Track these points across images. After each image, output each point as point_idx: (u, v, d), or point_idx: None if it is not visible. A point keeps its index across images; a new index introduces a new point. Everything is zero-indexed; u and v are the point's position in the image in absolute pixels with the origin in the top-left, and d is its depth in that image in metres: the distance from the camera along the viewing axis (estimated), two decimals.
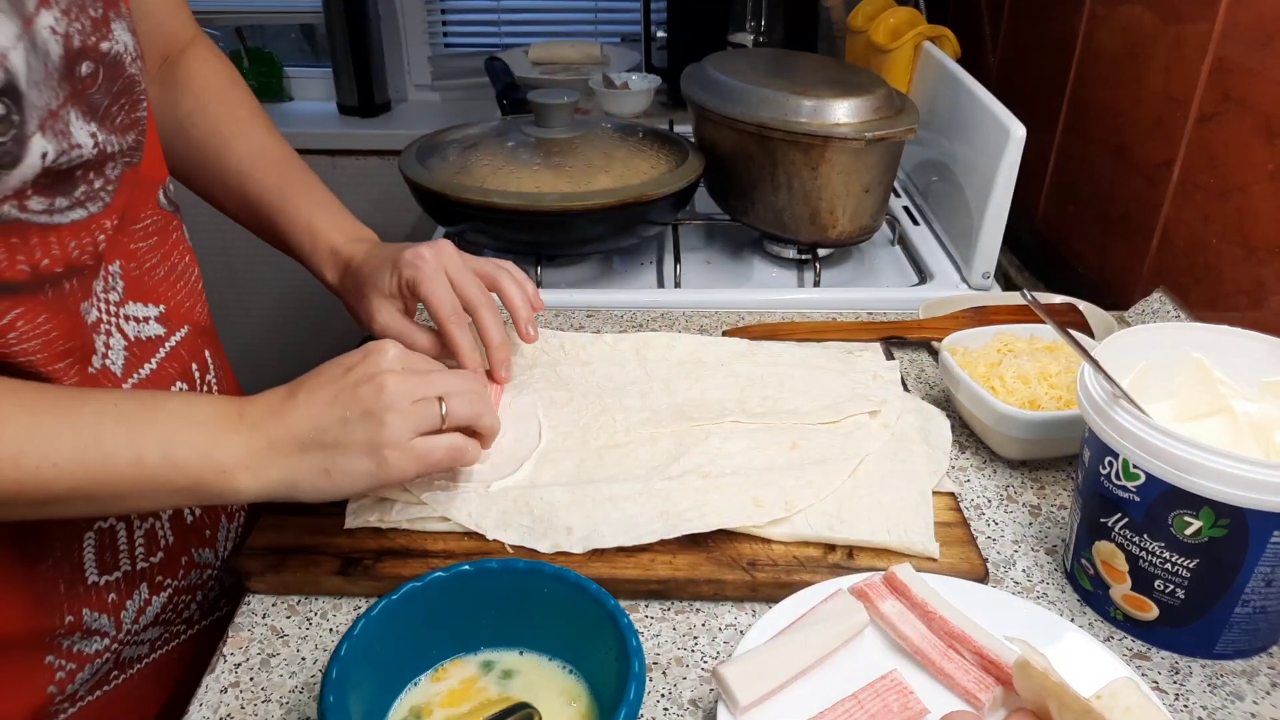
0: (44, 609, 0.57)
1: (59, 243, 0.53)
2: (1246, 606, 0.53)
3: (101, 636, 0.60)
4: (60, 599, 0.58)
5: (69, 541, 0.58)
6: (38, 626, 0.57)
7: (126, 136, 0.57)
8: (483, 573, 0.51)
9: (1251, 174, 0.78)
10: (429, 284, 0.66)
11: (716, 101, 1.02)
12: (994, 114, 0.97)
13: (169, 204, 0.64)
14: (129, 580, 0.62)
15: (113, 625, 0.61)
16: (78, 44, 0.51)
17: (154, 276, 0.62)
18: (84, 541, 0.58)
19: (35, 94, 0.48)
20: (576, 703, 0.49)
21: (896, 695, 0.49)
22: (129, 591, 0.62)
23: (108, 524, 0.59)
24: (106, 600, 0.60)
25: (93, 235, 0.55)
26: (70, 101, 0.51)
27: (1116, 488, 0.54)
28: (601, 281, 1.08)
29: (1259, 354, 0.59)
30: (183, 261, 0.65)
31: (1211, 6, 0.82)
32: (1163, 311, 0.88)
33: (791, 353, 0.80)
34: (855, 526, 0.61)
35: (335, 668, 0.45)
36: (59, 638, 0.58)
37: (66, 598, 0.58)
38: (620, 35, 2.12)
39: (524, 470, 0.65)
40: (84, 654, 0.60)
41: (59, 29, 0.50)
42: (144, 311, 0.61)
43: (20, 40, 0.47)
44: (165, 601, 0.64)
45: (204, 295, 0.68)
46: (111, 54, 0.54)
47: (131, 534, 0.61)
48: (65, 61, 0.50)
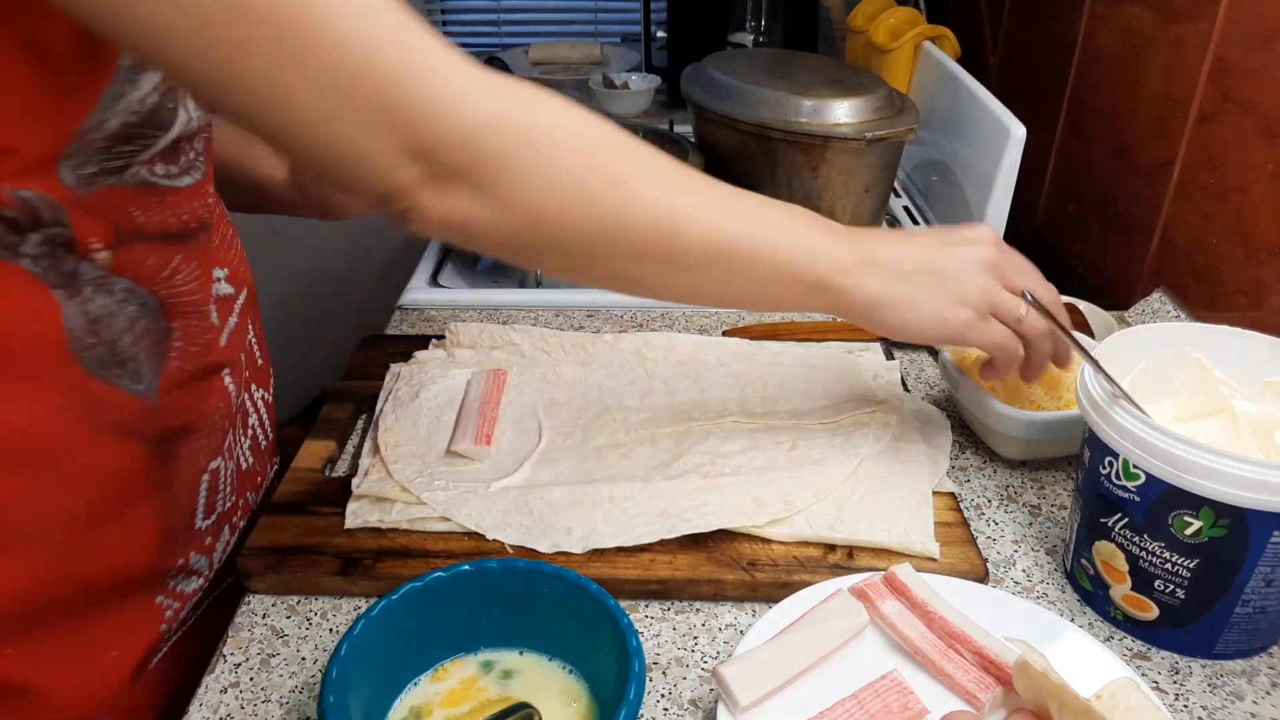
0: (165, 552, 0.60)
1: (185, 203, 0.58)
2: (1246, 606, 0.53)
3: (199, 576, 0.64)
4: (178, 542, 0.61)
5: (191, 486, 0.61)
6: (158, 568, 0.60)
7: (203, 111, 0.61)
8: (483, 573, 0.51)
9: (1251, 174, 0.78)
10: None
11: (716, 101, 1.02)
12: (994, 114, 0.97)
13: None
14: (220, 521, 0.65)
15: (208, 565, 0.65)
16: None
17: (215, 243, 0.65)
18: (201, 484, 0.62)
19: None
20: (576, 703, 0.49)
21: (896, 695, 0.49)
22: (219, 532, 0.65)
23: (216, 464, 0.63)
24: (205, 542, 0.64)
25: (204, 199, 0.60)
26: None
27: (1116, 488, 0.54)
28: None
29: (1259, 354, 0.59)
30: (230, 231, 0.68)
31: (1211, 6, 0.82)
32: (1163, 311, 0.88)
33: (791, 353, 0.80)
34: (855, 526, 0.61)
35: (335, 668, 0.45)
36: (170, 578, 0.61)
37: (181, 541, 0.61)
38: (620, 35, 2.12)
39: (524, 470, 0.65)
40: (185, 593, 0.63)
41: None
42: (218, 272, 0.64)
43: None
44: (236, 541, 0.68)
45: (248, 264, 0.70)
46: None
47: (224, 475, 0.65)
48: None
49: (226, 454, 0.65)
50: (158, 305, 0.56)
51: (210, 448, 0.62)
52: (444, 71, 0.45)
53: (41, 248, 0.49)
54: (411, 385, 0.75)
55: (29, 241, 0.49)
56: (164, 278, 0.56)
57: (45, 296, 0.50)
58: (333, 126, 0.43)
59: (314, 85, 0.42)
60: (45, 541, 0.53)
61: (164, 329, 0.57)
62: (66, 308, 0.51)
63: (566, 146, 0.49)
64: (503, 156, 0.46)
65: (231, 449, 0.66)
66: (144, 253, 0.54)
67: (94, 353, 0.53)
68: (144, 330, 0.55)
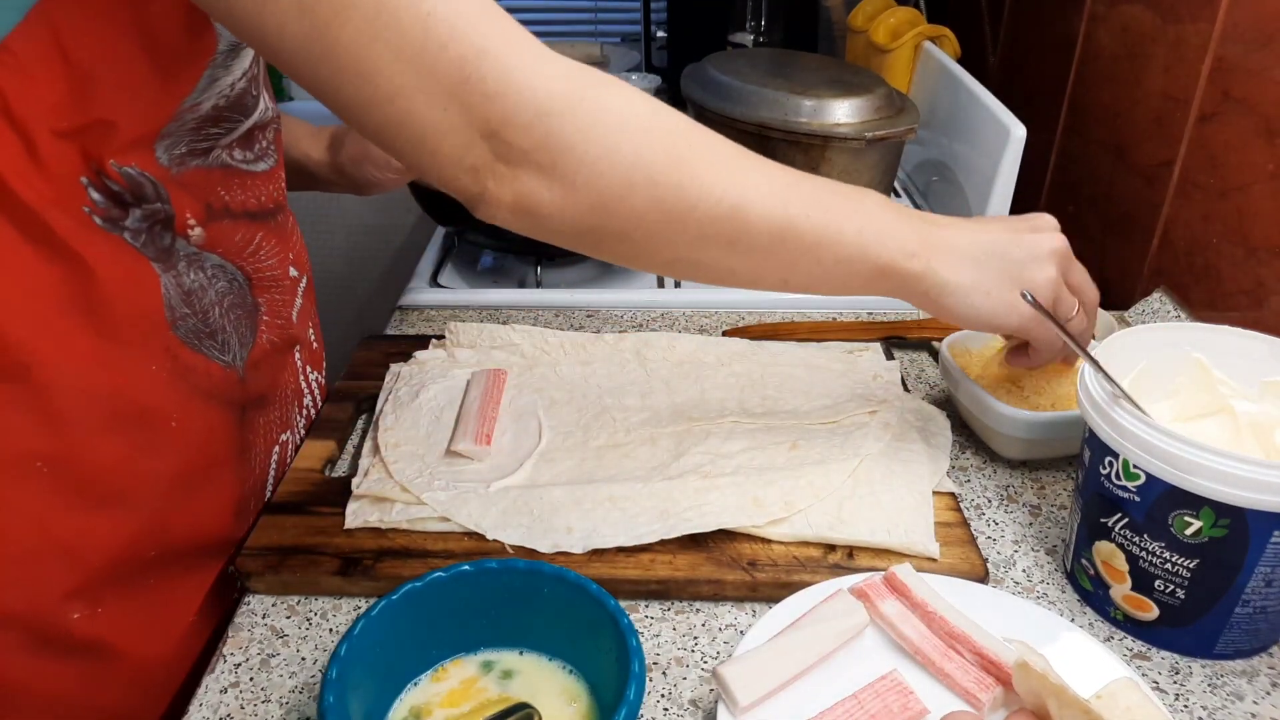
0: (240, 520, 0.63)
1: (262, 186, 0.61)
2: (1247, 606, 0.52)
3: None
4: (250, 512, 0.64)
5: (264, 456, 0.64)
6: (233, 537, 0.62)
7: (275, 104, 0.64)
8: (483, 573, 0.51)
9: (1252, 174, 0.78)
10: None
11: (716, 101, 1.02)
12: (994, 114, 0.97)
13: None
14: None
15: None
16: None
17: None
18: (272, 456, 0.65)
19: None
20: (576, 703, 0.49)
21: (897, 695, 0.49)
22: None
23: (286, 437, 0.66)
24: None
25: (278, 183, 0.64)
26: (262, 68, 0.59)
27: (1117, 488, 0.54)
28: (601, 281, 1.07)
29: (1259, 354, 0.59)
30: (292, 219, 0.70)
31: (1211, 6, 0.82)
32: (1163, 311, 0.88)
33: (791, 353, 0.80)
34: (855, 526, 0.61)
35: (335, 668, 0.45)
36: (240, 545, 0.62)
37: (254, 511, 0.64)
38: (620, 35, 2.12)
39: (524, 470, 0.65)
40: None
41: None
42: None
43: None
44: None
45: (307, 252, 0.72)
46: None
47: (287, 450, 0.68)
48: None
49: (293, 428, 0.68)
50: (245, 281, 0.60)
51: (282, 420, 0.66)
52: (519, 53, 0.46)
53: (142, 223, 0.52)
54: (411, 385, 0.75)
55: (131, 216, 0.51)
56: (250, 253, 0.60)
57: (146, 267, 0.53)
58: (413, 100, 0.45)
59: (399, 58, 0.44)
60: (139, 503, 0.55)
61: (251, 303, 0.61)
62: (164, 279, 0.54)
63: (632, 129, 0.49)
64: (569, 137, 0.47)
65: (295, 424, 0.68)
66: (232, 229, 0.57)
67: (187, 323, 0.56)
68: (231, 304, 0.59)
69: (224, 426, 0.60)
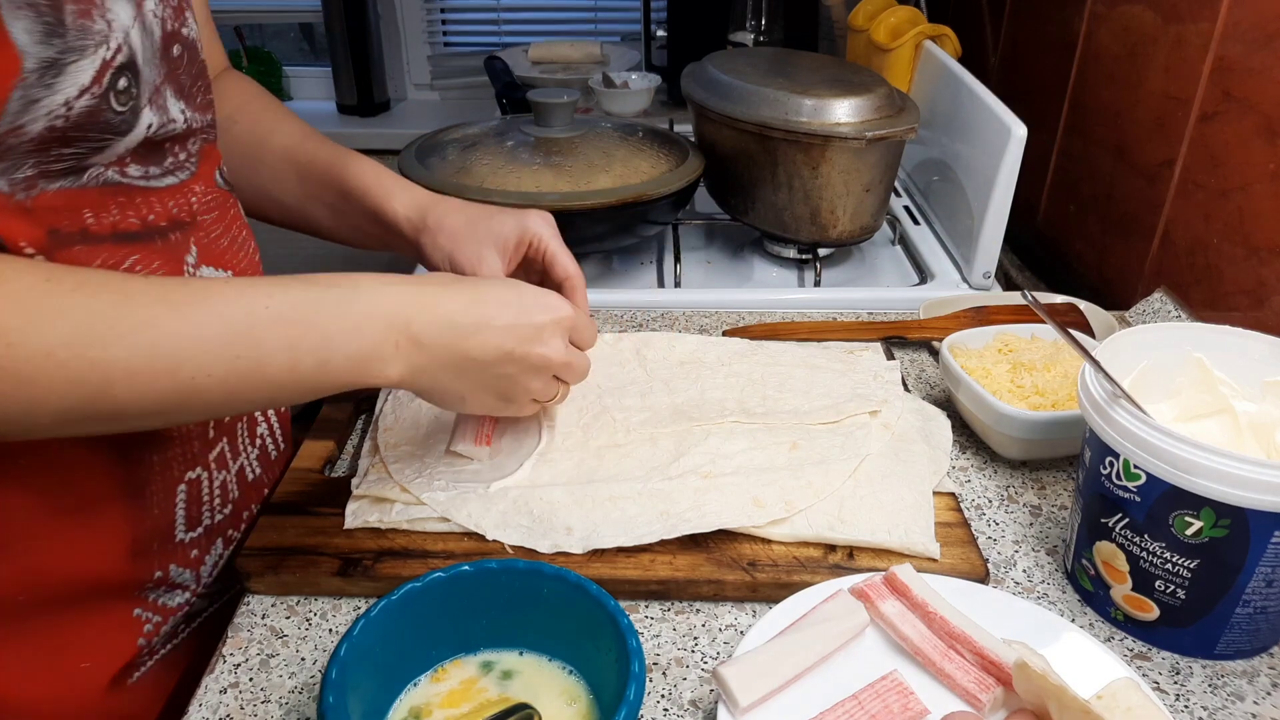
0: (140, 563, 0.59)
1: (159, 202, 0.58)
2: (1247, 607, 0.52)
3: (183, 590, 0.63)
4: (154, 554, 0.60)
5: (166, 496, 0.60)
6: (133, 579, 0.59)
7: (206, 115, 0.62)
8: (482, 573, 0.51)
9: (1252, 173, 0.78)
10: (558, 243, 0.70)
11: (716, 101, 1.02)
12: (995, 113, 0.96)
13: (224, 183, 0.67)
14: (208, 534, 0.64)
15: (194, 579, 0.63)
16: (169, 28, 0.56)
17: (219, 245, 0.64)
18: (177, 495, 0.61)
19: (147, 70, 0.54)
20: (576, 703, 0.49)
21: (897, 696, 0.49)
22: (208, 546, 0.64)
23: (195, 475, 0.62)
24: (190, 555, 0.63)
25: (186, 197, 0.60)
26: (167, 79, 0.56)
27: (1117, 488, 0.54)
28: (601, 281, 1.07)
29: (1260, 354, 0.59)
30: (242, 234, 0.68)
31: (1212, 6, 0.82)
32: (1163, 311, 0.88)
33: (792, 353, 0.80)
34: (855, 527, 0.61)
35: (335, 668, 0.45)
36: (148, 591, 0.61)
37: (159, 553, 0.60)
38: (620, 35, 2.12)
39: (524, 470, 0.65)
40: (168, 607, 0.62)
41: (157, 13, 0.54)
42: (215, 274, 0.64)
43: (135, 20, 0.52)
44: (231, 554, 0.66)
45: (261, 267, 0.71)
46: (190, 39, 0.59)
47: (211, 487, 0.63)
48: (163, 42, 0.55)
49: (214, 464, 0.63)
50: None
51: (185, 457, 0.60)
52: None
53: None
54: None
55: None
56: None
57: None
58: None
59: None
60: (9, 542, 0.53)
61: None
62: None
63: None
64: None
65: (225, 460, 0.64)
66: (88, 254, 0.52)
67: None
68: None
69: (96, 465, 0.55)
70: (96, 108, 0.50)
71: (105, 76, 0.49)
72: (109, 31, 0.49)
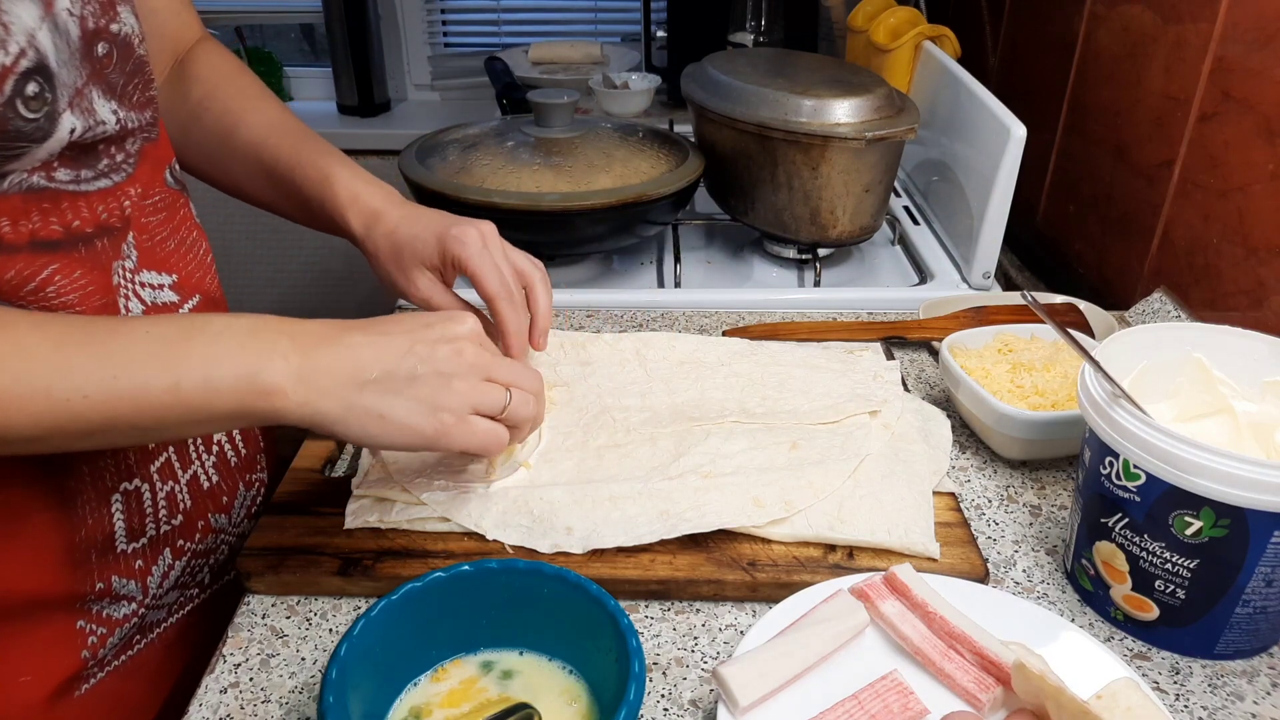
0: (78, 575, 0.58)
1: (88, 207, 0.56)
2: (1247, 607, 0.52)
3: (129, 601, 0.62)
4: (92, 565, 0.59)
5: (99, 506, 0.58)
6: (71, 591, 0.58)
7: (144, 114, 0.60)
8: (483, 573, 0.51)
9: (1252, 174, 0.78)
10: (477, 260, 0.65)
11: (716, 101, 1.02)
12: (994, 114, 0.96)
13: (175, 183, 0.66)
14: (154, 545, 0.63)
15: (139, 590, 0.62)
16: (92, 25, 0.54)
17: (165, 248, 0.63)
18: (112, 506, 0.59)
19: (64, 73, 0.51)
20: (577, 703, 0.49)
21: (897, 695, 0.49)
22: (154, 556, 0.63)
23: (133, 486, 0.60)
24: (134, 566, 0.61)
25: (119, 201, 0.58)
26: (92, 80, 0.54)
27: (1117, 488, 0.54)
28: (601, 281, 1.07)
29: (1259, 354, 0.59)
30: (191, 236, 0.66)
31: (1212, 6, 0.82)
32: (1163, 311, 0.88)
33: (791, 353, 0.80)
34: (855, 527, 0.61)
35: (335, 668, 0.45)
36: (90, 603, 0.59)
37: (98, 564, 0.59)
38: (620, 35, 2.12)
39: (524, 470, 0.65)
40: (113, 619, 0.61)
41: (74, 11, 0.52)
42: (157, 279, 0.62)
43: (44, 21, 0.50)
44: (184, 565, 0.65)
45: (214, 268, 0.69)
46: (121, 35, 0.57)
47: (155, 497, 0.62)
48: (84, 42, 0.53)
49: (157, 475, 0.61)
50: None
51: (119, 468, 0.59)
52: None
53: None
54: None
55: None
56: (31, 290, 0.52)
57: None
58: None
59: None
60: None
61: None
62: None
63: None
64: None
65: (172, 470, 0.62)
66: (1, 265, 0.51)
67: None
68: None
69: (23, 475, 0.54)
70: (1, 116, 0.48)
71: (7, 84, 0.48)
72: (5, 35, 0.47)
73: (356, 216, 0.70)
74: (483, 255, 0.66)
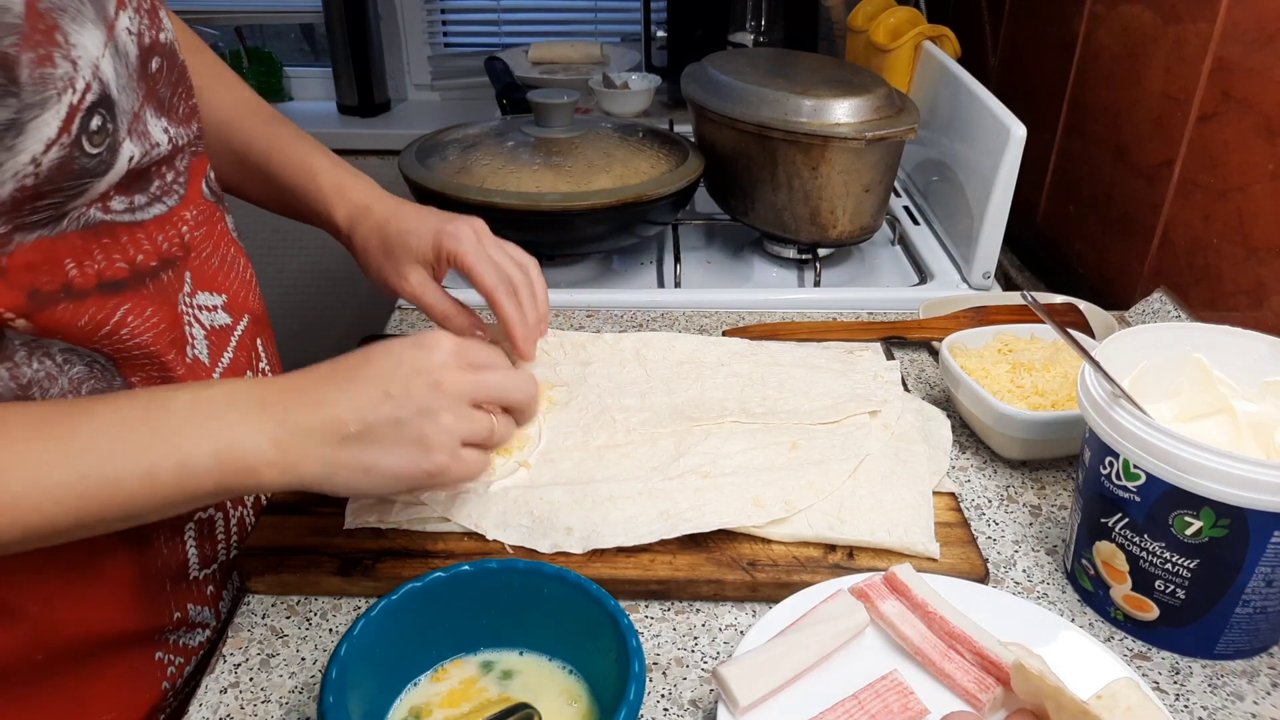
0: (154, 607, 0.58)
1: (147, 238, 0.54)
2: (1247, 607, 0.52)
3: (204, 628, 0.62)
4: (168, 595, 0.59)
5: (172, 536, 0.58)
6: (149, 624, 0.58)
7: (190, 127, 0.58)
8: (483, 573, 0.51)
9: (1252, 174, 0.78)
10: (473, 256, 0.64)
11: (716, 101, 1.02)
12: (994, 114, 0.96)
13: (211, 194, 0.63)
14: (224, 570, 0.63)
15: (213, 615, 0.62)
16: (147, 41, 0.52)
17: (210, 266, 0.61)
18: (185, 535, 0.59)
19: (124, 99, 0.49)
20: (577, 703, 0.49)
21: (897, 695, 0.49)
22: (224, 581, 0.63)
23: (206, 514, 0.60)
24: (206, 592, 0.62)
25: (176, 228, 0.56)
26: (146, 100, 0.52)
27: (1117, 488, 0.54)
28: (601, 281, 1.07)
29: (1259, 354, 0.59)
30: (230, 252, 0.64)
31: (1211, 6, 0.82)
32: (1163, 311, 0.88)
33: (791, 353, 0.80)
34: (855, 527, 0.61)
35: (335, 668, 0.45)
36: (167, 633, 0.59)
37: (173, 594, 0.59)
38: (620, 35, 2.12)
39: (524, 470, 0.65)
40: (189, 647, 0.61)
41: (133, 29, 0.50)
42: (211, 300, 0.60)
43: (106, 47, 0.47)
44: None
45: (256, 285, 0.68)
46: (168, 45, 0.55)
47: (228, 524, 0.62)
48: (140, 60, 0.51)
49: (229, 502, 0.60)
50: (109, 361, 0.52)
51: None
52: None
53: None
54: None
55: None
56: (105, 334, 0.51)
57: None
58: None
59: None
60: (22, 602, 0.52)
61: (121, 385, 0.53)
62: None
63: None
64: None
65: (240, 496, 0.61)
66: (74, 312, 0.49)
67: None
68: (92, 390, 0.52)
69: None
70: (68, 156, 0.46)
71: (74, 122, 0.45)
72: (74, 72, 0.45)
73: (342, 209, 0.69)
74: (478, 251, 0.65)
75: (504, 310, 0.64)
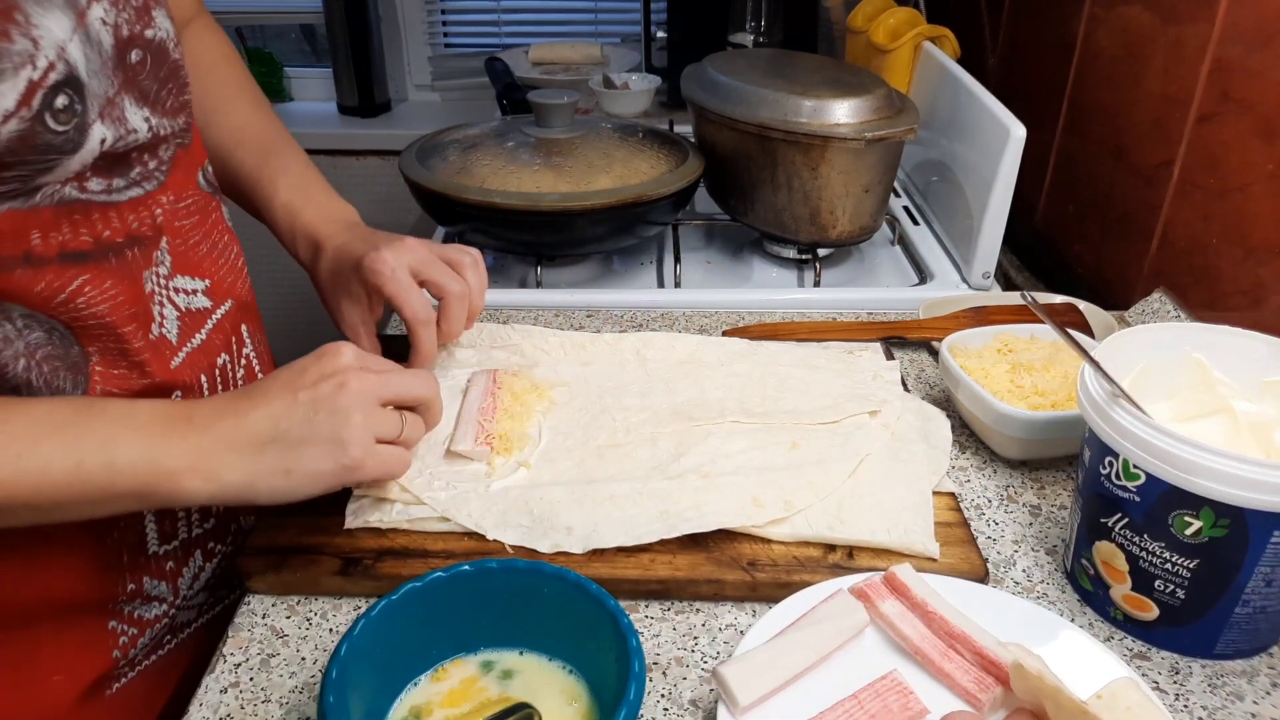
0: (110, 576, 0.59)
1: (119, 217, 0.56)
2: (1246, 606, 0.53)
3: (160, 602, 0.63)
4: (124, 567, 0.60)
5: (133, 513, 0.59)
6: (103, 593, 0.59)
7: (177, 119, 0.60)
8: (483, 573, 0.51)
9: (1251, 174, 0.78)
10: (391, 286, 0.66)
11: (716, 102, 1.02)
12: (994, 114, 0.97)
13: (208, 185, 0.65)
14: (185, 547, 0.63)
15: (170, 591, 0.63)
16: (126, 33, 0.54)
17: (198, 252, 0.63)
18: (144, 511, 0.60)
19: (95, 83, 0.51)
20: (577, 703, 0.49)
21: (896, 695, 0.49)
22: (185, 559, 0.64)
23: None
24: (165, 568, 0.62)
25: (150, 210, 0.58)
26: (124, 89, 0.54)
27: (1117, 488, 0.54)
28: (601, 281, 1.08)
29: (1259, 354, 0.59)
30: (223, 240, 0.66)
31: (1211, 7, 0.82)
32: (1163, 311, 0.88)
33: (791, 353, 0.80)
34: (855, 526, 0.61)
35: (335, 668, 0.45)
36: (121, 604, 0.60)
37: (129, 566, 0.60)
38: (620, 35, 2.12)
39: (524, 470, 0.65)
40: (144, 619, 0.62)
41: (108, 20, 0.52)
42: (191, 284, 0.62)
43: (75, 33, 0.50)
44: (215, 567, 0.66)
45: (245, 272, 0.69)
46: (156, 41, 0.57)
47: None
48: (116, 50, 0.53)
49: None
50: (66, 329, 0.54)
51: None
52: None
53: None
54: None
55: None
56: (60, 302, 0.53)
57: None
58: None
59: None
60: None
61: (78, 353, 0.55)
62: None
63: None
64: None
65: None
66: (29, 278, 0.51)
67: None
68: (46, 355, 0.54)
69: None
70: (30, 130, 0.47)
71: (35, 97, 0.47)
72: (35, 50, 0.47)
73: (303, 247, 0.72)
74: (395, 283, 0.66)
75: (419, 340, 0.67)
